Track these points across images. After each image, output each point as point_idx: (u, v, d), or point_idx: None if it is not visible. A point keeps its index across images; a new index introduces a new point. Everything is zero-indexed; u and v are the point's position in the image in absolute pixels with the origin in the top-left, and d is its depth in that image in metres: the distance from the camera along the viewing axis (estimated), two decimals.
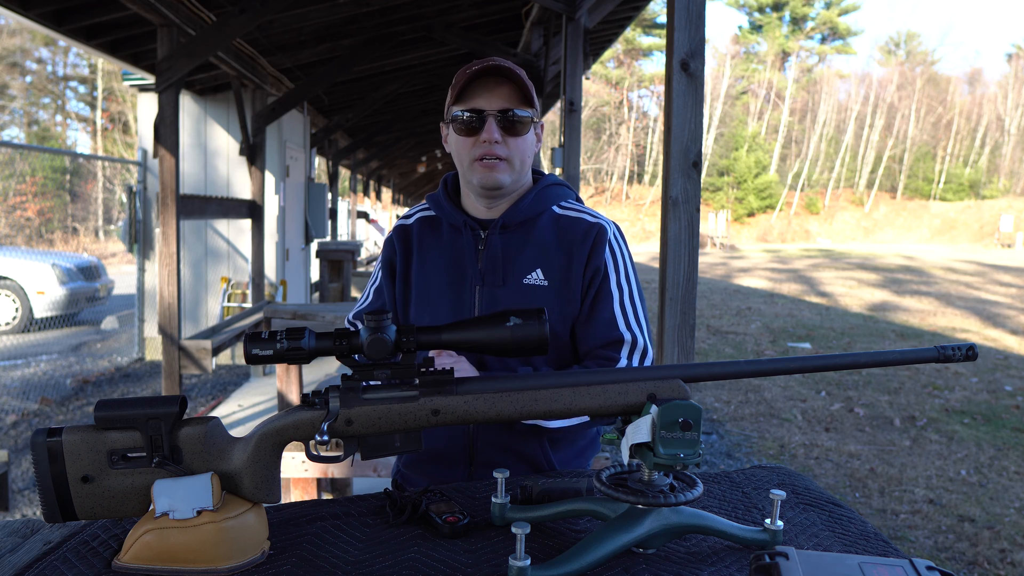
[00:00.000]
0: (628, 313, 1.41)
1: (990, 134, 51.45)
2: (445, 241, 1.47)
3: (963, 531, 3.77)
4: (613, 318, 1.40)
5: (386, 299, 1.51)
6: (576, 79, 5.53)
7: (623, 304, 1.41)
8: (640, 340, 1.41)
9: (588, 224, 1.44)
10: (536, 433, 1.41)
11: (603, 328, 1.39)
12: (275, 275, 8.02)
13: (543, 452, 1.43)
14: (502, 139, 1.37)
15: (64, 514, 0.98)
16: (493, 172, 1.37)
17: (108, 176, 26.22)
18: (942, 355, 1.01)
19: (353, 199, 17.19)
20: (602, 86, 49.43)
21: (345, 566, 0.97)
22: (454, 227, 1.46)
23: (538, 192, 1.45)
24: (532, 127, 1.42)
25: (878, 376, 7.19)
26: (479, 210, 1.46)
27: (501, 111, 1.36)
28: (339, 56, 7.11)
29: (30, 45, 30.31)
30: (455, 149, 1.43)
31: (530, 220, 1.44)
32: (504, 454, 1.41)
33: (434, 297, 1.44)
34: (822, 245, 39.29)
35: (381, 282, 1.53)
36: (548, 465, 1.44)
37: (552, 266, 1.41)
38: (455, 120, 1.39)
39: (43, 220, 23.05)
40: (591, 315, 1.41)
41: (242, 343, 1.30)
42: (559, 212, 1.46)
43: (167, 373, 5.02)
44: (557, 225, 1.44)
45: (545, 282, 1.40)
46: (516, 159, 1.39)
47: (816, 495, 1.25)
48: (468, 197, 1.47)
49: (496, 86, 1.37)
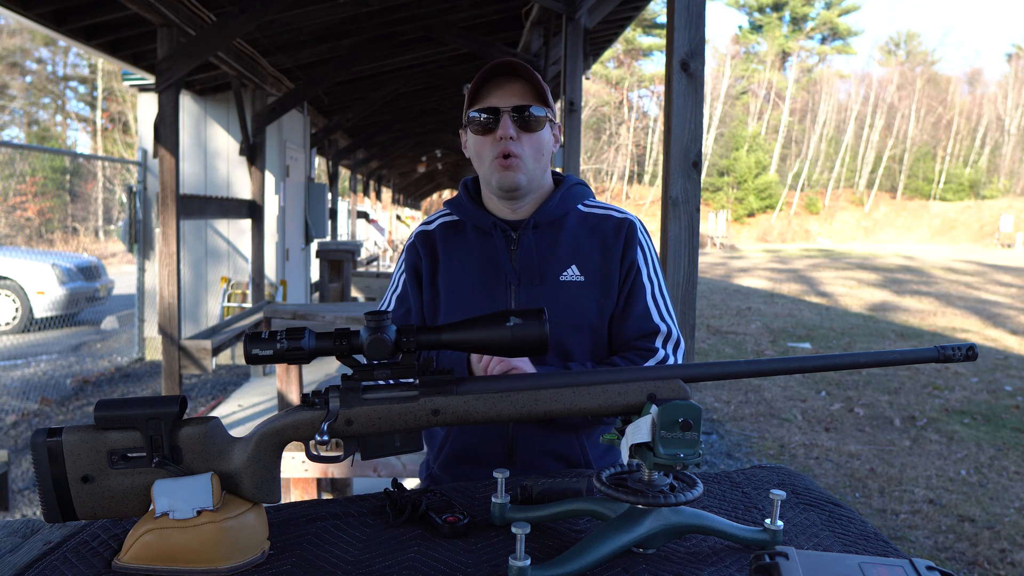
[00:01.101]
0: (660, 304, 1.46)
1: (990, 134, 51.45)
2: (472, 244, 1.46)
3: (963, 531, 3.77)
4: (647, 310, 1.44)
5: (412, 306, 1.49)
6: (576, 79, 5.53)
7: (654, 296, 1.45)
8: (674, 330, 1.45)
9: (618, 220, 1.47)
10: (574, 429, 1.42)
11: (639, 320, 1.43)
12: (275, 275, 8.02)
13: (581, 450, 1.44)
14: (517, 135, 1.38)
15: (64, 514, 0.98)
16: (510, 172, 1.38)
17: (108, 176, 26.22)
18: (942, 355, 1.01)
19: (353, 199, 17.19)
20: (602, 86, 49.44)
21: (345, 566, 0.97)
22: (481, 229, 1.46)
23: (564, 192, 1.47)
24: (548, 125, 1.43)
25: (878, 376, 7.19)
26: (504, 211, 1.46)
27: (516, 108, 1.38)
28: (339, 56, 7.11)
29: (30, 45, 30.32)
30: (474, 151, 1.44)
31: (559, 219, 1.46)
32: (543, 456, 1.41)
33: (466, 300, 1.43)
34: (822, 245, 39.30)
35: (406, 289, 1.50)
36: (586, 463, 1.44)
37: (587, 262, 1.43)
38: (472, 121, 1.41)
39: (43, 220, 23.05)
40: (627, 308, 1.44)
41: (242, 343, 1.30)
42: (585, 210, 1.49)
43: (167, 373, 5.02)
44: (586, 222, 1.47)
45: (582, 278, 1.42)
46: (531, 156, 1.40)
47: (816, 495, 1.25)
48: (491, 200, 1.48)
49: (509, 84, 1.39)
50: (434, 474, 1.50)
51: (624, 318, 1.44)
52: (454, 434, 1.44)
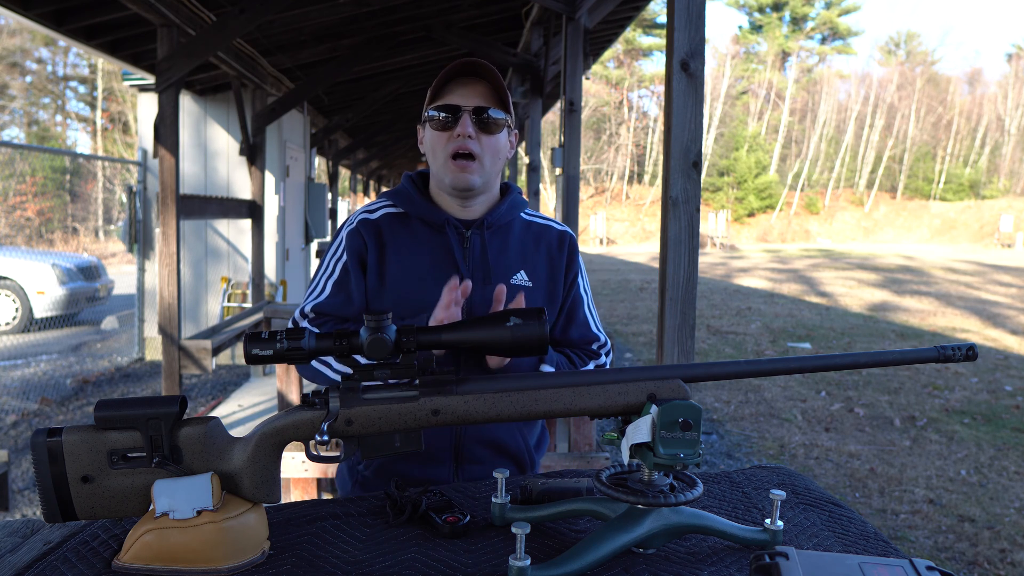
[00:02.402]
0: (594, 315, 1.56)
1: (990, 134, 51.44)
2: (420, 237, 1.45)
3: (963, 531, 3.77)
4: (587, 320, 1.54)
5: (352, 293, 1.45)
6: (576, 79, 5.52)
7: (589, 308, 1.54)
8: (607, 341, 1.57)
9: (559, 231, 1.54)
10: (519, 429, 1.47)
11: (582, 328, 1.52)
12: (275, 275, 8.02)
13: (524, 442, 1.47)
14: (475, 135, 1.39)
15: (64, 514, 0.98)
16: (465, 173, 1.39)
17: (108, 176, 26.21)
18: (942, 355, 1.01)
19: (353, 199, 17.20)
20: (602, 86, 49.43)
21: (345, 566, 0.97)
22: (430, 224, 1.46)
23: (511, 199, 1.52)
24: (506, 130, 1.44)
25: (878, 376, 7.19)
26: (453, 208, 1.47)
27: (476, 109, 1.39)
28: (339, 56, 7.11)
29: (30, 45, 30.31)
30: (429, 147, 1.44)
31: (507, 224, 1.50)
32: (486, 447, 1.43)
33: (417, 292, 1.41)
34: (822, 245, 39.29)
35: (345, 275, 1.45)
36: (529, 455, 1.48)
37: (534, 268, 1.48)
38: (431, 119, 1.42)
39: (43, 220, 23.05)
40: (570, 317, 1.52)
41: (242, 343, 1.29)
42: (526, 219, 1.54)
43: (167, 373, 5.02)
44: (530, 231, 1.52)
45: (530, 283, 1.46)
46: (487, 158, 1.41)
47: (816, 495, 1.25)
48: (440, 196, 1.48)
49: (472, 84, 1.40)
50: (362, 478, 1.45)
51: (568, 326, 1.52)
52: None
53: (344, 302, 1.44)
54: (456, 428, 1.41)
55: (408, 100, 10.56)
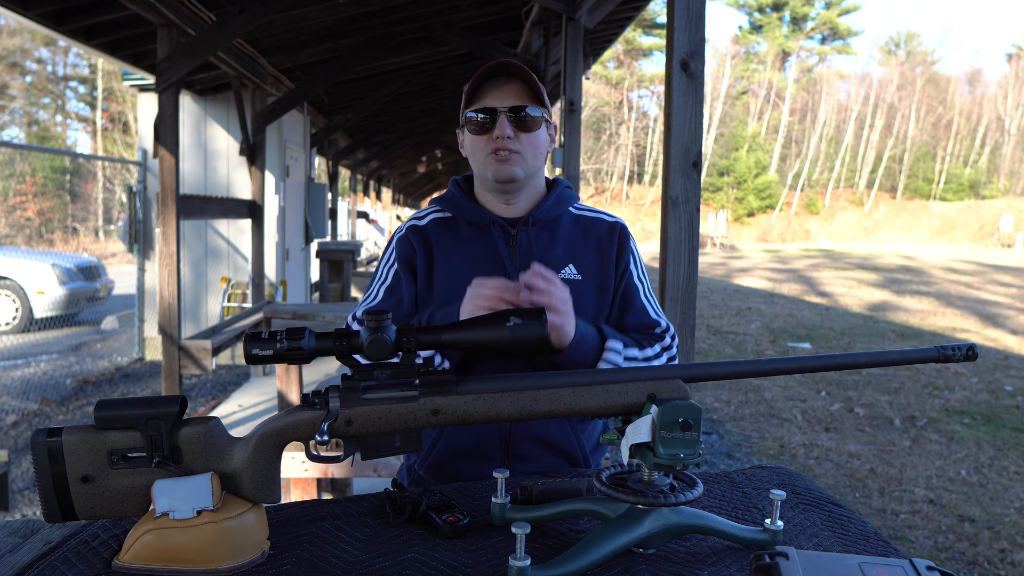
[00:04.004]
0: (652, 303, 1.52)
1: (990, 134, 51.46)
2: (467, 239, 1.47)
3: (963, 531, 3.77)
4: (644, 307, 1.50)
5: (403, 297, 1.47)
6: (576, 79, 5.53)
7: (646, 295, 1.52)
8: (670, 325, 1.53)
9: (609, 223, 1.52)
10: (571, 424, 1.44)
11: (638, 316, 1.49)
12: (275, 275, 8.02)
13: (577, 442, 1.45)
14: (514, 135, 1.40)
15: (64, 514, 0.98)
16: (507, 164, 1.40)
17: (108, 176, 26.21)
18: (942, 355, 1.01)
19: (353, 199, 17.20)
20: (602, 86, 49.44)
21: (345, 566, 0.97)
22: (476, 225, 1.47)
23: (558, 194, 1.51)
24: (544, 125, 1.45)
25: (878, 376, 7.19)
26: (499, 207, 1.48)
27: (512, 108, 1.39)
28: (339, 56, 7.11)
29: (30, 45, 30.32)
30: (470, 149, 1.46)
31: (555, 219, 1.49)
32: (538, 446, 1.42)
33: (461, 294, 1.41)
34: (822, 245, 39.30)
35: (397, 281, 1.48)
36: (583, 455, 1.46)
37: (583, 262, 1.46)
38: (469, 121, 1.43)
39: (43, 220, 23.06)
40: (624, 307, 1.49)
41: (242, 343, 1.29)
42: (576, 212, 1.53)
43: (167, 373, 5.02)
44: (578, 224, 1.51)
45: (579, 277, 1.45)
46: (528, 154, 1.42)
47: (816, 495, 1.25)
48: (485, 196, 1.49)
49: (506, 84, 1.41)
50: (418, 478, 1.47)
51: (623, 315, 1.49)
52: (447, 432, 1.44)
53: (395, 306, 1.47)
54: (506, 426, 1.41)
55: (408, 100, 10.56)
